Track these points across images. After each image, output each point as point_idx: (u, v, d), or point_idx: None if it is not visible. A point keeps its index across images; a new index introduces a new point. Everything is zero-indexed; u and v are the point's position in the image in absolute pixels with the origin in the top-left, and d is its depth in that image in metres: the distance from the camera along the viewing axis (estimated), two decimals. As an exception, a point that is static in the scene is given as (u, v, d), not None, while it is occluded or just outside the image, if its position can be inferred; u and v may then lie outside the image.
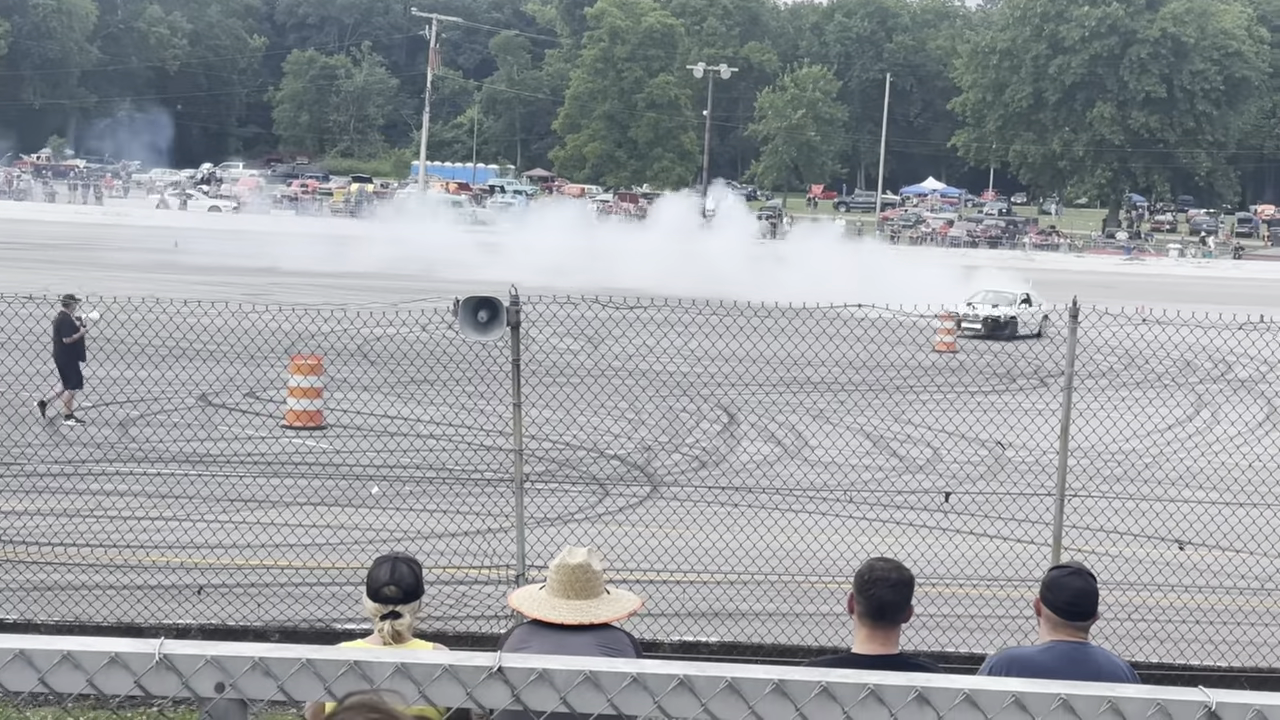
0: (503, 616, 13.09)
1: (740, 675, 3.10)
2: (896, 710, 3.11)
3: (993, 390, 28.12)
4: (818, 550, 14.58)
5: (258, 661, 3.01)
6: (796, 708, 3.11)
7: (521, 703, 3.07)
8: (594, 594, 6.00)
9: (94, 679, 3.02)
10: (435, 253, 58.36)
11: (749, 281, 42.29)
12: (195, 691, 3.00)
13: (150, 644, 3.04)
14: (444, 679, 3.08)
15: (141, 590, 13.58)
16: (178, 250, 61.00)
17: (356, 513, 16.45)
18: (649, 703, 3.08)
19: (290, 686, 3.04)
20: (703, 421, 24.96)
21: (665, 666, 3.11)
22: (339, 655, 3.06)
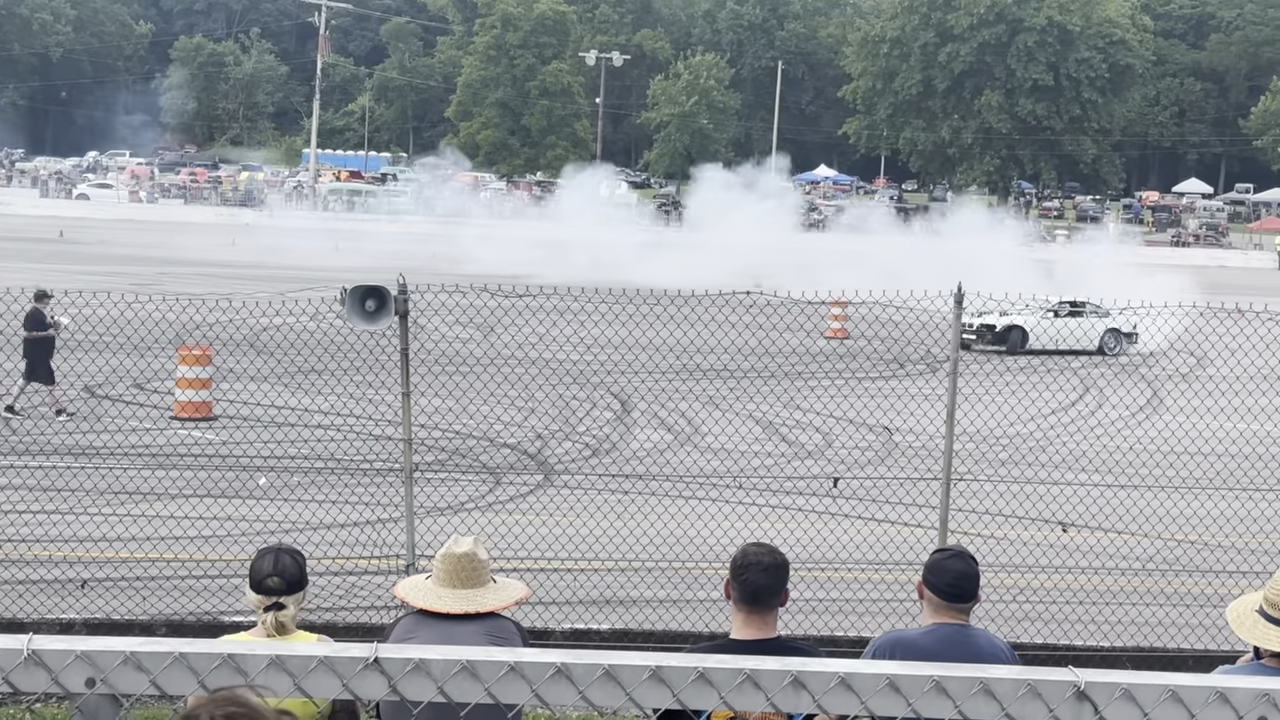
0: (392, 607, 13.02)
1: (617, 663, 3.10)
2: (772, 695, 3.14)
3: (881, 376, 28.41)
4: (707, 536, 14.65)
5: (129, 656, 2.98)
6: (674, 694, 3.12)
7: (398, 693, 3.06)
8: (480, 583, 5.99)
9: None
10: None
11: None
12: (65, 687, 2.97)
13: (19, 639, 2.99)
14: (320, 670, 3.05)
15: (23, 585, 13.37)
16: (63, 240, 60.05)
17: (244, 504, 16.30)
18: (526, 691, 3.08)
19: (163, 681, 3.01)
20: (595, 409, 24.98)
21: (543, 655, 3.11)
22: (213, 648, 3.03)
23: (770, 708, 3.15)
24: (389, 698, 3.05)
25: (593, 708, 3.13)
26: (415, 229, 79.83)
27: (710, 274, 31.49)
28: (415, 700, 3.06)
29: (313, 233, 71.61)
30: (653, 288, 19.06)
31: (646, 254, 51.52)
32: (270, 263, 54.16)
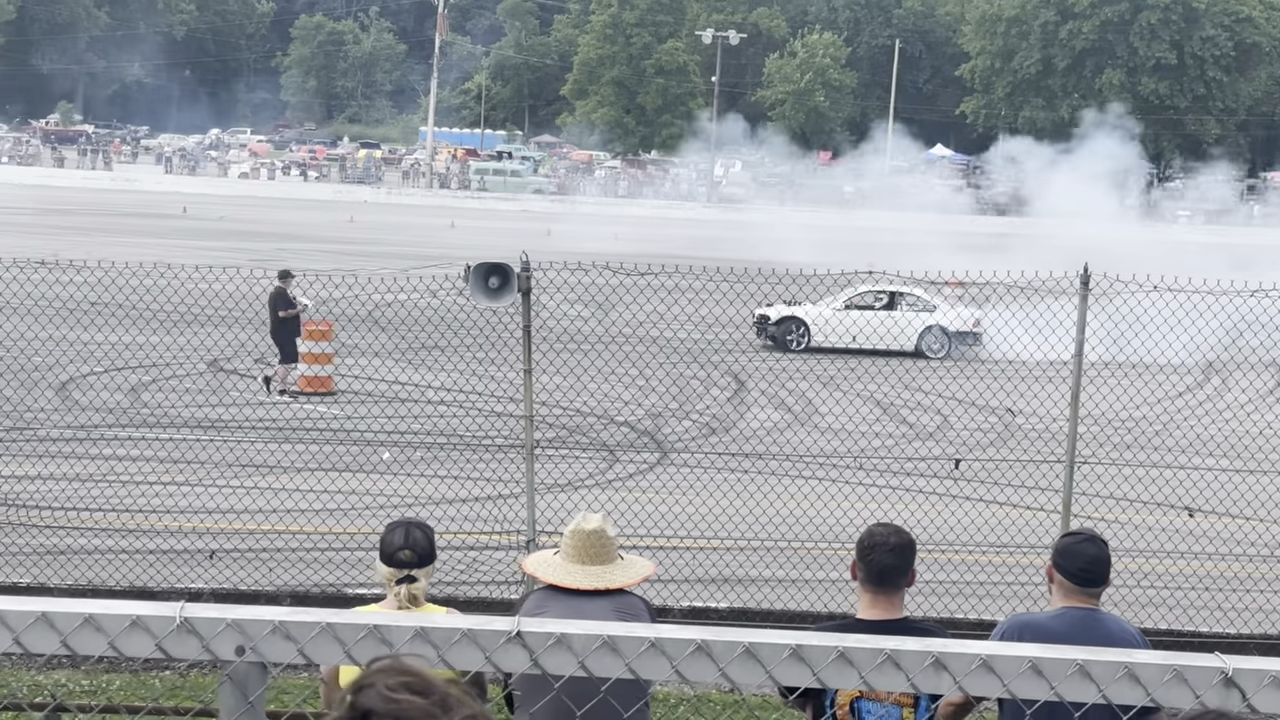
0: (513, 581, 13.13)
1: (758, 640, 3.11)
2: (913, 675, 3.13)
3: (1002, 357, 27.99)
4: (826, 517, 14.60)
5: (278, 625, 3.03)
6: (814, 672, 3.12)
7: (540, 666, 3.09)
8: (609, 559, 6.02)
9: (115, 641, 3.04)
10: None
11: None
12: (216, 654, 3.02)
13: (171, 607, 3.05)
14: (463, 643, 3.09)
15: (154, 555, 13.63)
16: (186, 216, 61.01)
17: (368, 478, 16.48)
18: (666, 667, 3.09)
19: (310, 650, 3.05)
20: (712, 388, 24.97)
21: (682, 631, 3.12)
22: (359, 619, 3.07)
23: (910, 688, 3.15)
24: (530, 670, 3.08)
25: (731, 685, 3.14)
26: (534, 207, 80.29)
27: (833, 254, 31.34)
28: (556, 674, 3.09)
29: (429, 209, 72.31)
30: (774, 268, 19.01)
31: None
32: (388, 239, 54.71)
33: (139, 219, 58.37)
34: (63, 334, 22.23)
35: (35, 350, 19.86)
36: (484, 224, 63.70)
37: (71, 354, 22.56)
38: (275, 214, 64.68)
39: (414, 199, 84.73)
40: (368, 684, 1.84)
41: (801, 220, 66.11)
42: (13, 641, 2.97)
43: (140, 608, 3.01)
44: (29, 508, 15.20)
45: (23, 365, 20.74)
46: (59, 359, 22.37)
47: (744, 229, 58.14)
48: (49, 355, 21.64)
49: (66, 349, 22.31)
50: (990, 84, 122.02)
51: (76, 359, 22.91)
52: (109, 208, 64.17)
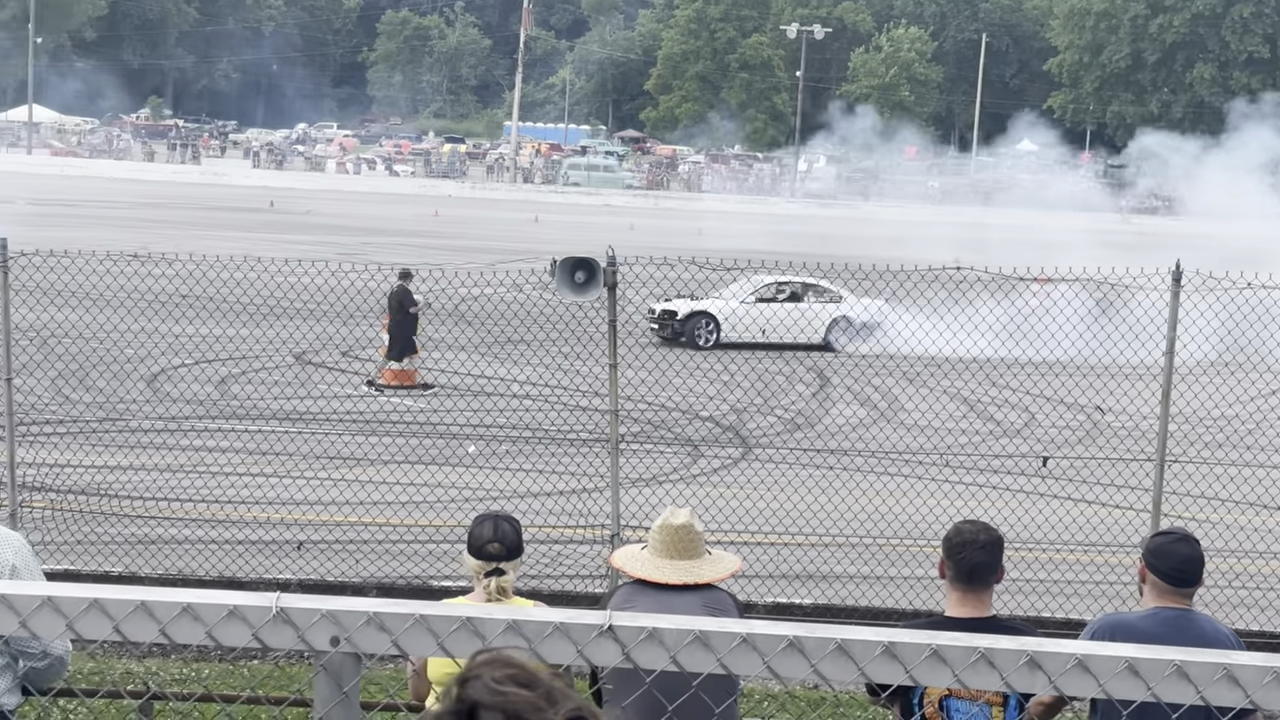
0: (597, 576, 13.16)
1: (850, 637, 3.09)
2: (1007, 675, 3.10)
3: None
4: (913, 514, 14.53)
5: (372, 616, 3.04)
6: (906, 670, 3.10)
7: (631, 661, 3.09)
8: (696, 554, 6.02)
9: (212, 631, 3.06)
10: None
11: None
12: (311, 645, 3.04)
13: (267, 597, 3.07)
14: (555, 636, 3.09)
15: (242, 545, 13.78)
16: (274, 210, 61.58)
17: (453, 471, 16.57)
18: (758, 663, 3.09)
19: (404, 641, 3.07)
20: (795, 384, 24.90)
21: (775, 627, 3.11)
22: (452, 611, 3.08)
23: (1004, 687, 3.12)
24: (622, 665, 3.08)
25: (823, 681, 3.13)
26: (616, 201, 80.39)
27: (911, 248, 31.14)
28: (648, 669, 3.09)
29: (513, 204, 72.58)
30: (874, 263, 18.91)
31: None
32: (472, 234, 54.96)
33: (227, 213, 58.96)
34: (154, 326, 22.55)
35: (128, 343, 20.09)
36: (567, 219, 63.88)
37: (163, 346, 22.87)
38: (360, 208, 65.15)
39: (498, 193, 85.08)
40: (473, 676, 1.85)
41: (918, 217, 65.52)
42: (113, 629, 3.01)
43: (237, 598, 3.03)
44: (121, 497, 15.41)
45: (115, 357, 21.01)
46: (150, 351, 22.65)
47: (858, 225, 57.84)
48: (140, 347, 21.90)
49: (158, 341, 22.62)
50: (1078, 78, 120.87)
51: (168, 351, 23.20)
52: (198, 201, 64.88)
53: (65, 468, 16.20)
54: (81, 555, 13.26)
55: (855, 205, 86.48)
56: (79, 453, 17.50)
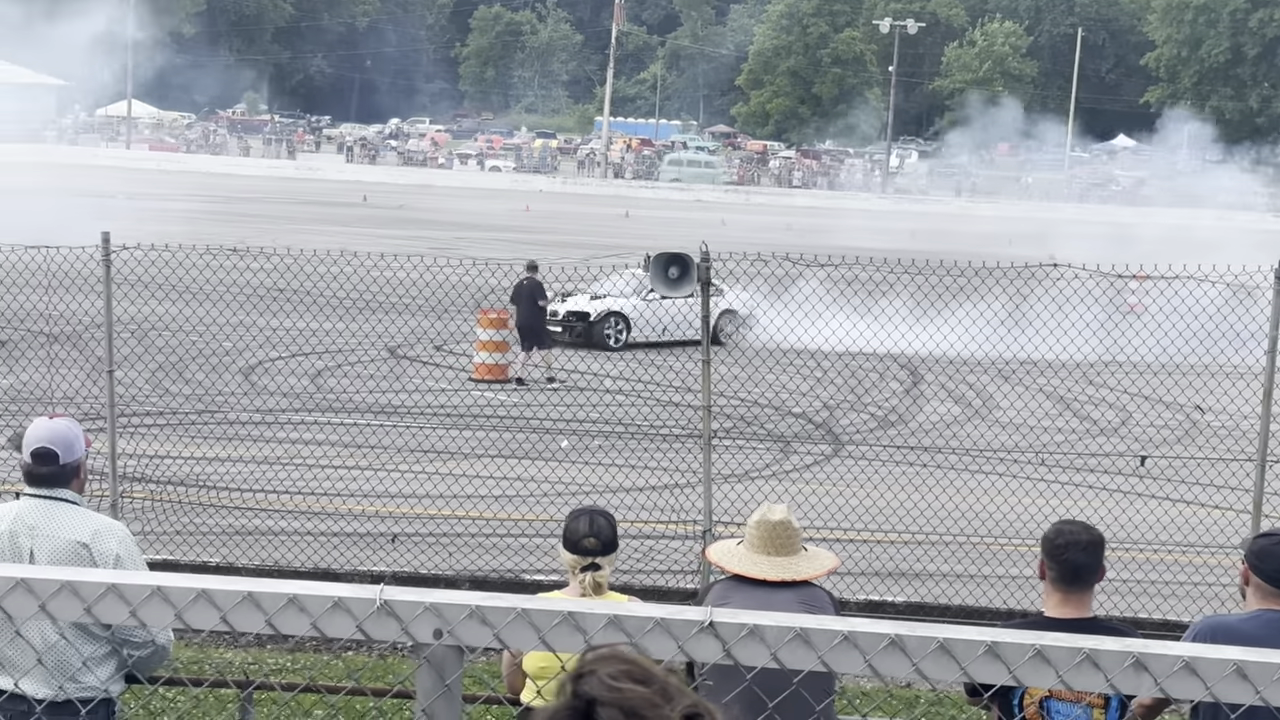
0: (689, 571, 13.17)
1: (953, 636, 3.07)
2: (1112, 676, 3.07)
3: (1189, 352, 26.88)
4: (1006, 512, 14.40)
5: (474, 609, 3.05)
6: (1010, 670, 3.08)
7: (732, 657, 3.09)
8: (793, 551, 6.01)
9: (318, 622, 3.08)
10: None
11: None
12: (414, 637, 3.06)
13: (371, 589, 3.10)
14: (656, 631, 3.09)
15: (336, 537, 13.91)
16: (367, 204, 62.05)
17: (546, 465, 16.64)
18: (859, 661, 3.07)
19: (505, 634, 3.08)
20: (884, 380, 24.77)
21: (876, 625, 3.10)
22: (553, 606, 3.10)
23: (1108, 689, 3.10)
24: (723, 661, 3.08)
25: (925, 680, 3.11)
26: (707, 197, 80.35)
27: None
28: (749, 665, 3.08)
29: (604, 199, 72.73)
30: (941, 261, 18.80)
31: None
32: (563, 229, 55.13)
33: (321, 207, 59.50)
34: (250, 320, 22.77)
35: (226, 335, 20.35)
36: (658, 214, 63.90)
37: (260, 339, 23.08)
38: (452, 203, 65.51)
39: (589, 189, 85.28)
40: (588, 671, 1.85)
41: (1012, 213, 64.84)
42: (220, 619, 3.04)
43: (341, 589, 3.06)
44: (218, 489, 15.60)
45: (214, 350, 21.31)
46: (245, 344, 22.90)
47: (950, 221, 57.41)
48: (236, 340, 22.15)
49: (255, 334, 22.84)
50: (1176, 73, 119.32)
51: (264, 344, 23.43)
52: (293, 196, 65.52)
53: (164, 459, 16.42)
54: (180, 545, 13.45)
55: (947, 201, 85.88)
56: (177, 444, 17.73)
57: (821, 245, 31.61)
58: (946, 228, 56.31)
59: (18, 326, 22.14)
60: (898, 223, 61.50)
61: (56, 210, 33.59)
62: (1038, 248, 36.08)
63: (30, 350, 21.66)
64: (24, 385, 20.35)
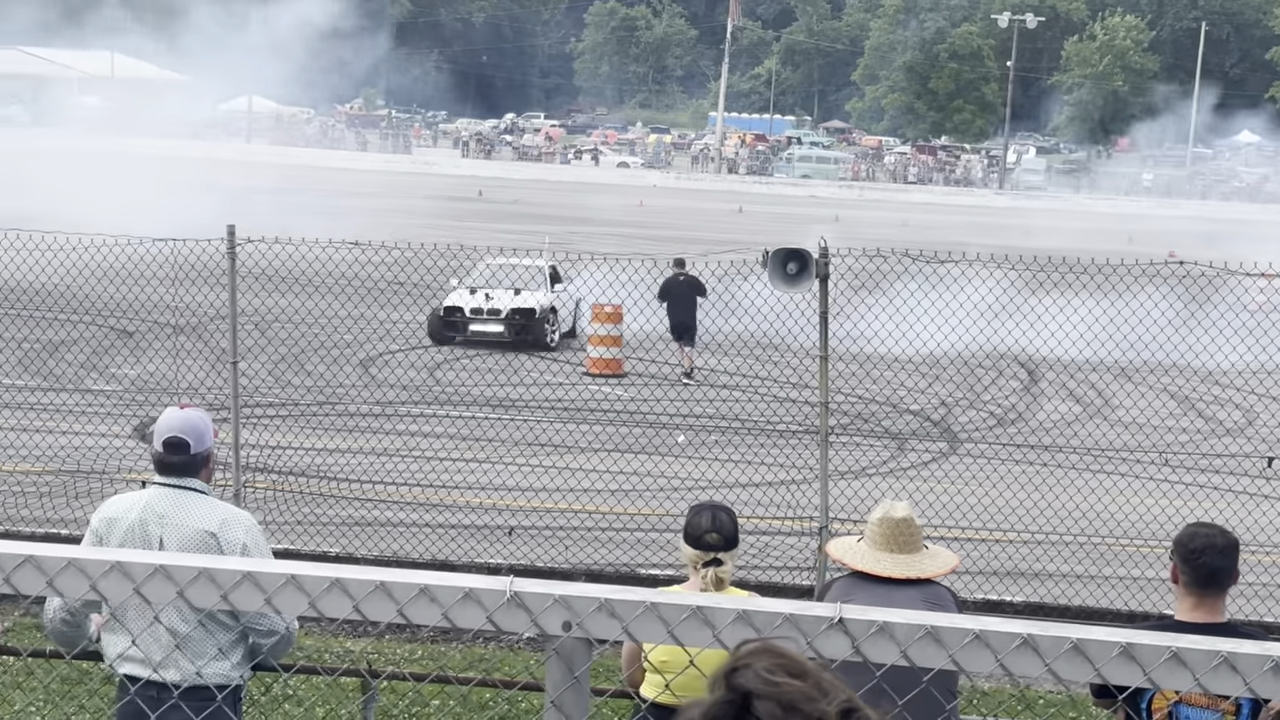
0: (805, 568, 13.12)
1: (1086, 637, 3.04)
2: (1250, 680, 3.02)
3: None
4: (1129, 513, 14.20)
5: (604, 602, 3.06)
6: (1145, 672, 3.04)
7: (861, 654, 3.07)
8: (915, 548, 5.97)
9: (448, 612, 3.11)
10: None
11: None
12: (543, 629, 3.07)
13: (501, 581, 3.11)
14: (785, 627, 3.08)
15: (453, 529, 14.01)
16: (482, 199, 62.44)
17: (661, 460, 16.64)
18: (990, 660, 3.04)
19: (634, 628, 3.08)
20: (1001, 378, 24.51)
21: (1008, 625, 3.07)
22: (682, 600, 3.09)
23: (1246, 693, 3.05)
24: (851, 658, 3.06)
25: (1058, 680, 3.08)
26: (822, 193, 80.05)
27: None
28: (877, 663, 3.07)
29: (718, 194, 72.65)
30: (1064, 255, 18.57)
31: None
32: (677, 224, 55.12)
33: (437, 201, 59.93)
34: (371, 313, 23.04)
35: (345, 328, 20.62)
36: (771, 209, 63.71)
37: (380, 332, 23.37)
38: (566, 197, 65.73)
39: (703, 184, 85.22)
40: (743, 665, 1.85)
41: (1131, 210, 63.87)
42: (352, 609, 3.07)
43: (473, 580, 3.08)
44: (338, 480, 15.78)
45: (334, 342, 21.54)
46: (366, 336, 23.17)
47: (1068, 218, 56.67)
48: (356, 333, 22.43)
49: (375, 327, 23.12)
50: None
51: (384, 337, 23.70)
52: (409, 190, 66.08)
53: (285, 449, 16.63)
54: (300, 535, 13.61)
55: (1065, 198, 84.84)
56: (297, 435, 17.96)
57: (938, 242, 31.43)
58: (1064, 225, 55.56)
59: (145, 318, 22.58)
60: (1015, 219, 60.85)
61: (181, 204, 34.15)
62: (1159, 245, 35.56)
63: (156, 341, 22.07)
64: (149, 376, 20.71)
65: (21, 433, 16.87)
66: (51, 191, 36.36)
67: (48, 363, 21.67)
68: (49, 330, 21.97)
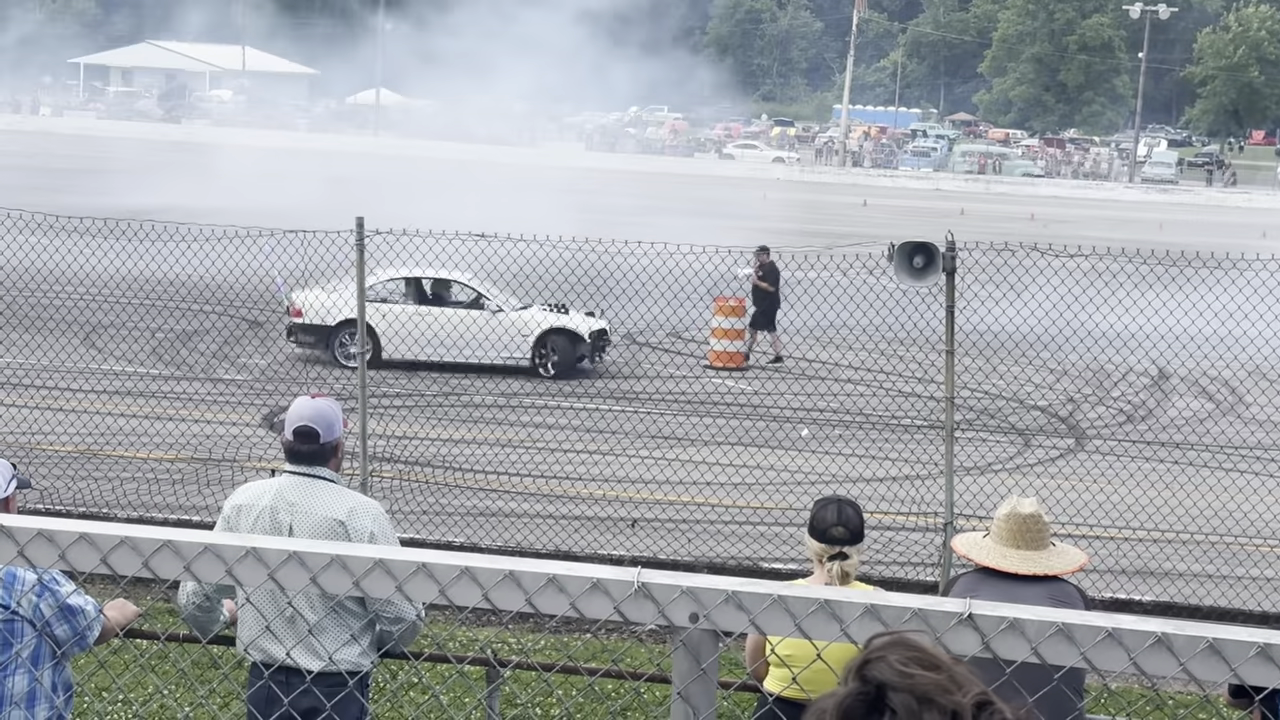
0: (929, 564, 13.02)
1: (1223, 636, 2.99)
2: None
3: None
4: (1263, 512, 13.94)
5: (730, 595, 3.06)
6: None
7: (990, 650, 3.05)
8: (1042, 545, 5.89)
9: (576, 602, 3.12)
10: None
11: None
12: (670, 620, 3.07)
13: (629, 572, 3.12)
14: (913, 622, 3.07)
15: (575, 520, 14.07)
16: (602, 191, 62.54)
17: (785, 454, 16.61)
18: (1123, 658, 3.01)
19: (761, 620, 3.08)
20: (1130, 374, 24.14)
21: (1142, 623, 3.04)
22: (809, 593, 3.09)
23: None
24: (981, 654, 3.04)
25: (1191, 678, 3.03)
26: (947, 186, 79.35)
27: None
28: (1008, 659, 3.04)
29: (841, 187, 72.28)
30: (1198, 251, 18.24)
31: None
32: (799, 216, 54.90)
33: (559, 194, 60.15)
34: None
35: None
36: (896, 203, 63.27)
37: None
38: (689, 191, 65.69)
39: (826, 177, 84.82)
40: (877, 657, 1.84)
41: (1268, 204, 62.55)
42: (481, 597, 3.10)
43: (600, 571, 3.09)
44: (463, 470, 15.91)
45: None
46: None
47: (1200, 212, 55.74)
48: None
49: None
50: None
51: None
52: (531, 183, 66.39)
53: (410, 439, 16.80)
54: (426, 524, 13.75)
55: (1198, 191, 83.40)
56: (423, 425, 18.13)
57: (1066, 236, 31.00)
58: (1197, 219, 54.71)
59: (275, 309, 22.90)
60: (1146, 213, 59.94)
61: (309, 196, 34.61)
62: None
63: (283, 332, 22.37)
64: (278, 366, 21.03)
65: (155, 420, 17.20)
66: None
67: (180, 352, 22.07)
68: (181, 320, 22.37)
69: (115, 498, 14.13)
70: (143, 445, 16.11)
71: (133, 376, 19.22)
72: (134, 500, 14.11)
